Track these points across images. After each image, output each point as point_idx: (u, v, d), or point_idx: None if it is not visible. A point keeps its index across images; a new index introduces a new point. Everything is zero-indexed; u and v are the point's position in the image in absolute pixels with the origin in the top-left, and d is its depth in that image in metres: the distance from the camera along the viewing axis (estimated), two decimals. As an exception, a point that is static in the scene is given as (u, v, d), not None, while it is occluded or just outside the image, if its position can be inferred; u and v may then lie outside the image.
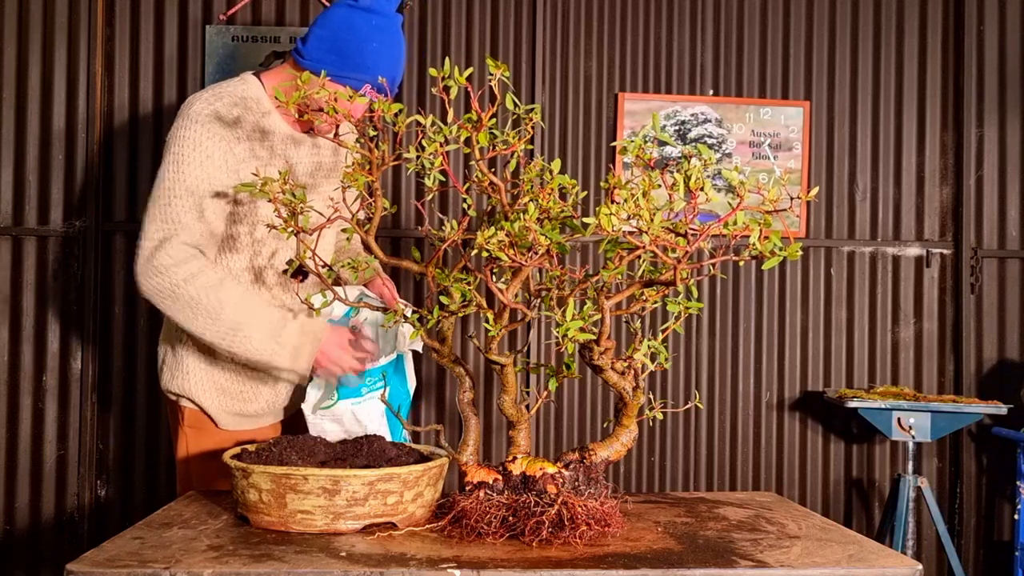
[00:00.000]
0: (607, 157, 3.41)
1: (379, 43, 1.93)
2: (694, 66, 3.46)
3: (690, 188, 1.45)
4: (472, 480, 1.59)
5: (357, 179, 1.62)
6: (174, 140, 1.90)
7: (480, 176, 1.65)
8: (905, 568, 1.41)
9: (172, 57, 3.26)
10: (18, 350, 3.20)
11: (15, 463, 3.19)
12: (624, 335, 3.31)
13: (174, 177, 1.87)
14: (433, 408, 3.36)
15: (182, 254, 1.85)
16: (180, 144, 1.88)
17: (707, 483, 3.44)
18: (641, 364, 1.63)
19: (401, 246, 3.33)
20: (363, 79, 1.93)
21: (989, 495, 3.55)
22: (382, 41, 1.94)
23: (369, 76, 1.93)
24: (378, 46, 1.93)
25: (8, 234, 3.19)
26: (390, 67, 1.96)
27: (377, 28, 1.94)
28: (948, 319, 3.54)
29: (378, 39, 1.94)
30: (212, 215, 1.91)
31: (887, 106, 3.53)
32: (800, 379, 3.49)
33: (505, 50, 3.38)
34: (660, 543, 1.52)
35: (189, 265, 1.85)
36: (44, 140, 3.21)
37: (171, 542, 1.47)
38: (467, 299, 1.62)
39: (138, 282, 1.86)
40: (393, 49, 1.97)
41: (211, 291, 1.85)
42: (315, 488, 1.53)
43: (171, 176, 1.88)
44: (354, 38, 1.93)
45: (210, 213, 1.90)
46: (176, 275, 1.83)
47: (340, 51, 1.93)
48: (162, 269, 1.84)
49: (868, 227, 3.52)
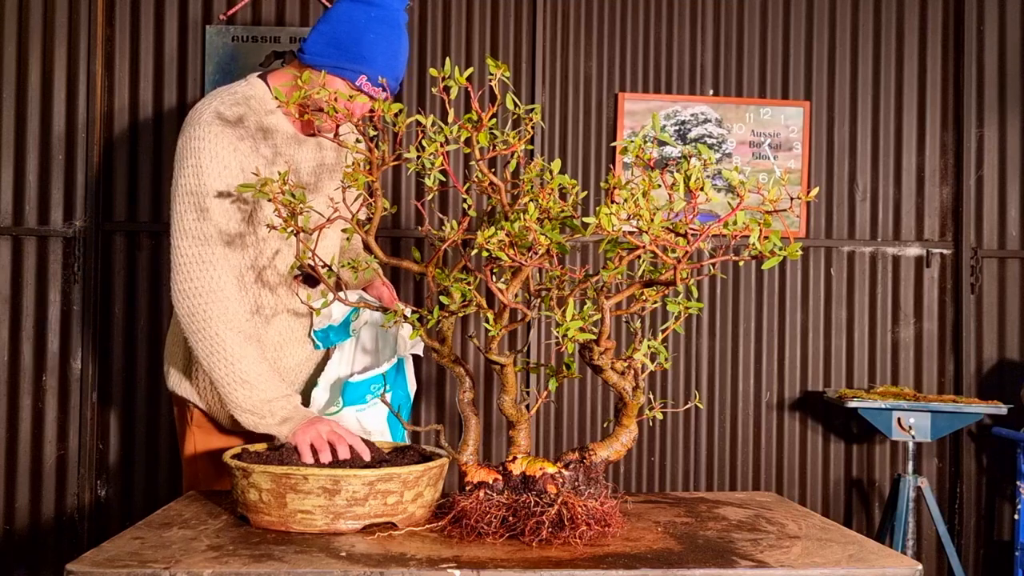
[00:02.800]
0: (607, 157, 3.41)
1: (376, 34, 1.93)
2: (694, 66, 3.46)
3: (690, 188, 1.45)
4: (472, 480, 1.59)
5: (357, 179, 1.62)
6: (190, 152, 1.88)
7: (480, 176, 1.65)
8: (905, 568, 1.41)
9: (172, 57, 3.26)
10: (18, 350, 3.20)
11: (15, 463, 3.19)
12: (624, 335, 3.31)
13: (198, 190, 1.86)
14: (433, 408, 3.36)
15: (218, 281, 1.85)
16: (197, 156, 1.86)
17: (707, 483, 3.44)
18: (641, 364, 1.63)
19: (401, 246, 3.33)
20: (361, 70, 1.92)
21: (989, 495, 3.55)
22: (379, 32, 1.93)
23: (367, 68, 1.92)
24: (375, 36, 1.93)
25: (8, 234, 3.19)
26: (389, 59, 1.95)
27: (376, 19, 1.94)
28: (948, 319, 3.54)
29: (375, 30, 1.93)
30: (234, 222, 1.90)
31: (887, 106, 3.53)
32: (800, 379, 3.49)
33: (505, 50, 3.38)
34: (660, 543, 1.52)
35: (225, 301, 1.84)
36: (44, 140, 3.21)
37: (171, 542, 1.47)
38: (467, 299, 1.62)
39: (173, 299, 1.88)
40: (392, 41, 1.96)
41: (237, 342, 1.84)
42: (315, 488, 1.53)
43: (194, 188, 1.86)
44: (352, 29, 1.93)
45: (232, 220, 1.90)
46: (211, 310, 1.83)
47: (338, 43, 1.93)
48: (196, 293, 1.84)
49: (868, 227, 3.52)
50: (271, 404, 1.83)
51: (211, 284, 1.84)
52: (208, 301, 1.84)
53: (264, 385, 1.84)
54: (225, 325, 1.83)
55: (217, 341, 1.83)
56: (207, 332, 1.84)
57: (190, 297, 1.85)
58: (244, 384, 1.84)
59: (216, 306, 1.84)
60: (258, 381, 1.84)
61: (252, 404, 1.84)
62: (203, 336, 1.84)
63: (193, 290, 1.84)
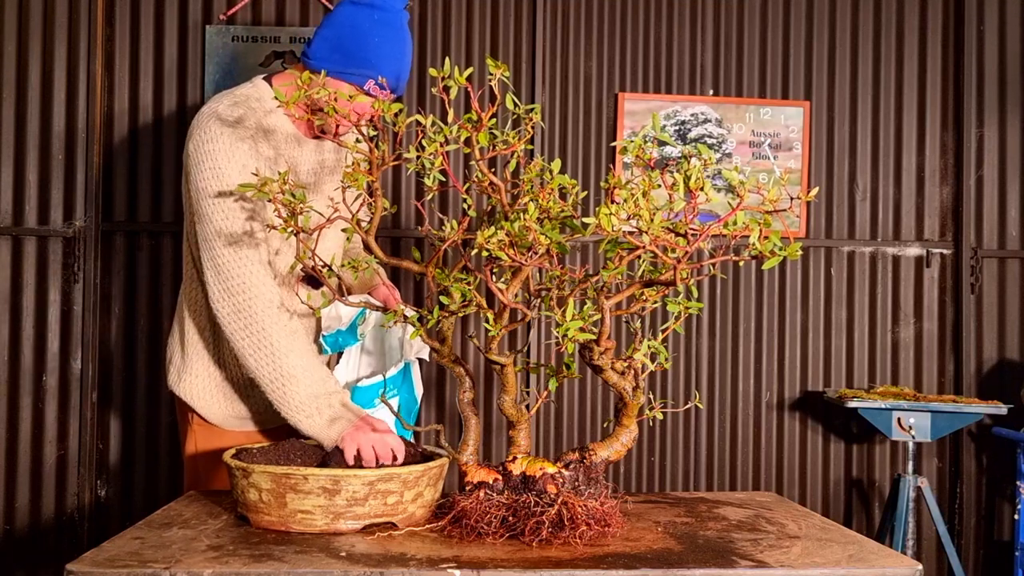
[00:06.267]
0: (607, 157, 3.41)
1: (381, 38, 1.94)
2: (694, 66, 3.46)
3: (690, 188, 1.45)
4: (472, 480, 1.59)
5: (357, 179, 1.62)
6: (205, 155, 1.87)
7: (480, 176, 1.65)
8: (905, 568, 1.41)
9: (172, 57, 3.26)
10: (18, 350, 3.20)
11: (15, 463, 3.19)
12: (624, 335, 3.31)
13: (221, 190, 1.85)
14: (433, 408, 3.36)
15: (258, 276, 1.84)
16: (214, 159, 1.86)
17: (707, 483, 3.44)
18: (641, 364, 1.63)
19: (401, 246, 3.33)
20: (367, 75, 1.92)
21: (989, 495, 3.55)
22: (384, 36, 1.94)
23: (373, 72, 1.92)
24: (380, 40, 1.93)
25: (8, 234, 3.19)
26: (394, 62, 1.96)
27: (380, 23, 1.94)
28: (948, 319, 3.54)
29: (380, 34, 1.94)
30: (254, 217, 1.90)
31: (887, 106, 3.53)
32: (800, 379, 3.49)
33: (505, 50, 3.38)
34: (660, 543, 1.52)
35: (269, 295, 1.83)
36: (44, 140, 3.21)
37: (171, 542, 1.47)
38: (467, 299, 1.62)
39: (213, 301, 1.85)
40: (397, 44, 1.96)
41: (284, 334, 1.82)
42: (315, 488, 1.53)
43: (217, 189, 1.85)
44: (357, 34, 1.93)
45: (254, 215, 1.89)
46: (255, 305, 1.82)
47: (343, 48, 1.93)
48: (240, 291, 1.82)
49: (868, 227, 3.52)
50: (318, 400, 1.81)
51: (252, 280, 1.83)
52: (252, 297, 1.82)
53: (311, 379, 1.82)
54: (271, 320, 1.82)
55: (263, 337, 1.81)
56: (253, 328, 1.82)
57: (235, 295, 1.83)
58: (292, 380, 1.81)
59: (260, 301, 1.82)
60: (304, 375, 1.82)
61: (300, 400, 1.81)
62: (249, 333, 1.82)
63: (237, 288, 1.82)
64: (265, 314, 1.82)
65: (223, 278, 1.84)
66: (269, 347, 1.81)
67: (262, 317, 1.82)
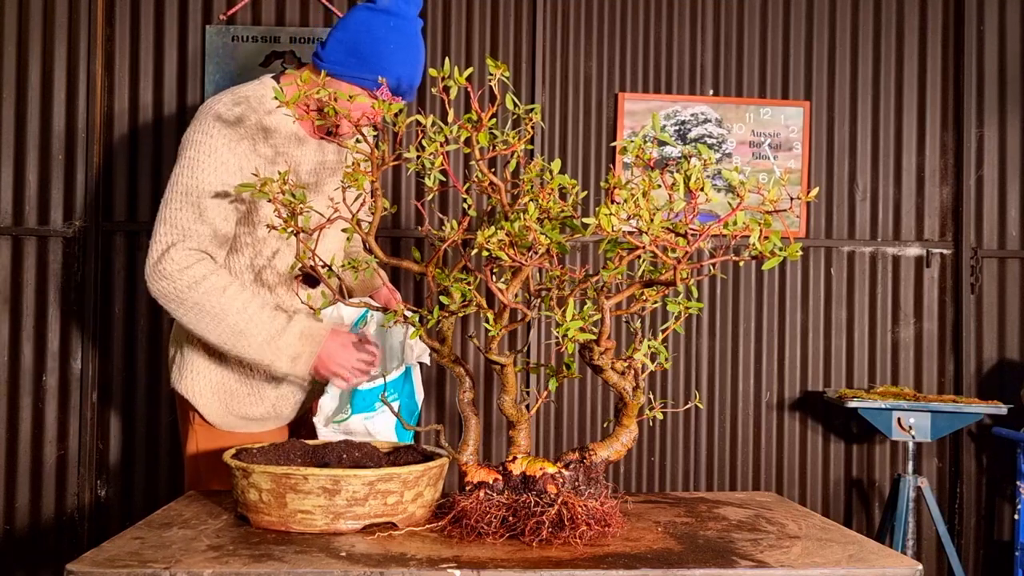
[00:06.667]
0: (607, 157, 3.41)
1: (395, 44, 1.95)
2: (694, 66, 3.46)
3: (690, 188, 1.45)
4: (472, 480, 1.59)
5: (357, 179, 1.62)
6: (188, 144, 1.93)
7: (480, 176, 1.65)
8: (905, 568, 1.41)
9: (172, 57, 3.26)
10: (18, 350, 3.20)
11: (15, 463, 3.19)
12: (624, 335, 3.31)
13: (186, 182, 1.90)
14: (433, 408, 3.36)
15: (188, 259, 1.88)
16: (195, 149, 1.91)
17: (707, 483, 3.44)
18: (641, 364, 1.63)
19: (401, 246, 3.33)
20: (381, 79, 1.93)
21: (989, 495, 3.55)
22: (398, 42, 1.96)
23: (388, 76, 1.93)
24: (395, 47, 1.95)
25: (8, 234, 3.19)
26: (408, 68, 1.98)
27: (394, 29, 1.96)
28: (948, 319, 3.54)
29: (395, 40, 1.95)
30: (221, 219, 1.92)
31: (887, 106, 3.53)
32: (800, 379, 3.49)
33: (505, 50, 3.38)
34: (660, 543, 1.52)
35: (194, 270, 1.87)
36: (44, 140, 3.21)
37: (171, 542, 1.47)
38: (467, 299, 1.62)
39: (148, 285, 1.90)
40: (411, 50, 1.98)
41: (215, 296, 1.87)
42: (315, 488, 1.53)
43: (183, 181, 1.91)
44: (371, 39, 1.94)
45: (219, 217, 1.91)
46: (181, 280, 1.87)
47: (358, 52, 1.95)
48: (168, 274, 1.87)
49: (868, 227, 3.52)
50: (272, 344, 1.89)
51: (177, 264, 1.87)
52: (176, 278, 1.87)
53: (256, 329, 1.89)
54: (197, 291, 1.87)
55: (197, 308, 1.87)
56: (185, 304, 1.88)
57: (159, 281, 1.88)
58: (240, 336, 1.89)
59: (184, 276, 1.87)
60: (248, 327, 1.88)
61: (256, 352, 1.90)
62: (185, 310, 1.88)
63: (160, 273, 1.87)
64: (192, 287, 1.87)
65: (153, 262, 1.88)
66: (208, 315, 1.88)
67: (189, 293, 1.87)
